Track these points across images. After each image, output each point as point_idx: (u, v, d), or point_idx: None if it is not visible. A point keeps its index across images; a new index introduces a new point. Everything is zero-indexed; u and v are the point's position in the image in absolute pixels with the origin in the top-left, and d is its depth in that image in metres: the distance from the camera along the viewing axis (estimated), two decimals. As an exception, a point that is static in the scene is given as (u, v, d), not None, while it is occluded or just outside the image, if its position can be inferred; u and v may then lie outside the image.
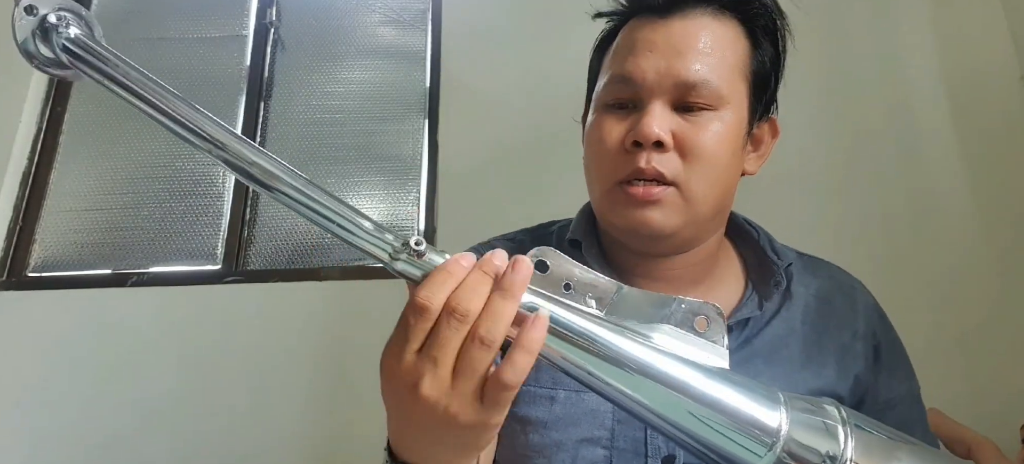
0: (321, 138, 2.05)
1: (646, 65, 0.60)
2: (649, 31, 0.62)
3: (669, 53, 0.60)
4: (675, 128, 0.60)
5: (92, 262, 1.95)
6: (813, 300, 0.69)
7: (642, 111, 0.61)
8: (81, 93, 2.12)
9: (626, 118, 0.62)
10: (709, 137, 0.60)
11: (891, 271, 1.67)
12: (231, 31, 2.18)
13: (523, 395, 0.65)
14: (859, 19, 1.92)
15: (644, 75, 0.60)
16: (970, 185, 1.74)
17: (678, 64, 0.60)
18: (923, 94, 1.83)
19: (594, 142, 0.64)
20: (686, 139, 0.60)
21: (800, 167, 1.77)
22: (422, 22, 2.16)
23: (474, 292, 0.39)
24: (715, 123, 0.61)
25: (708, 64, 0.60)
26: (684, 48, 0.60)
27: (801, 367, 0.64)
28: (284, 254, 1.94)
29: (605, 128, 0.63)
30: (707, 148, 0.60)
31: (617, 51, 0.65)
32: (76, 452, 1.67)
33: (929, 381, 0.71)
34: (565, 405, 0.64)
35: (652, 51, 0.61)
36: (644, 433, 0.62)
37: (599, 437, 0.63)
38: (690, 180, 0.60)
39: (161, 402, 1.70)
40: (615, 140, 0.62)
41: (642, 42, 0.62)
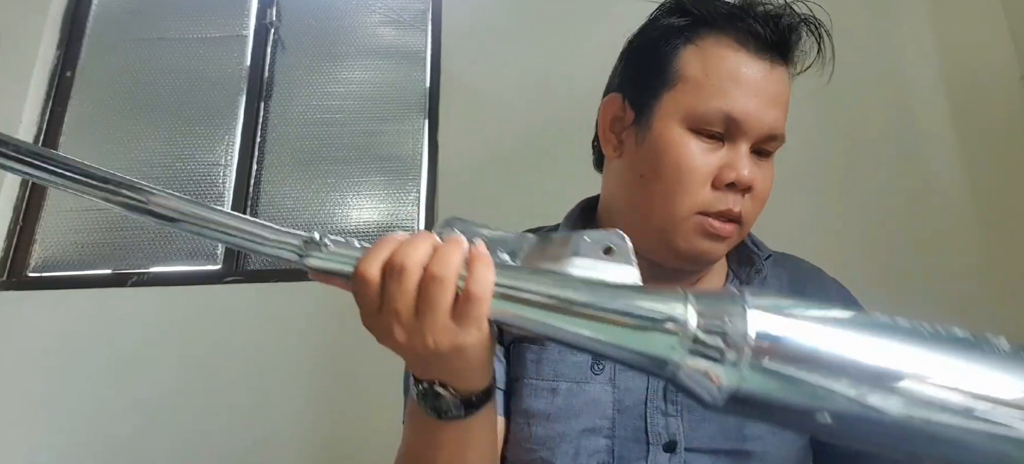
0: (321, 138, 2.05)
1: (753, 110, 0.62)
2: (756, 70, 0.63)
3: (771, 103, 0.63)
4: (753, 173, 0.64)
5: (92, 262, 1.95)
6: (787, 287, 0.73)
7: (734, 148, 0.63)
8: (81, 93, 2.12)
9: (716, 150, 0.63)
10: (770, 183, 0.67)
11: (891, 271, 1.67)
12: (231, 31, 2.18)
13: (525, 388, 0.66)
14: (859, 19, 1.92)
15: (749, 119, 0.62)
16: (970, 185, 1.74)
17: (776, 115, 0.64)
18: (923, 94, 1.83)
19: (676, 165, 0.63)
20: (759, 184, 0.65)
21: (800, 167, 1.77)
22: (422, 22, 2.16)
23: (411, 247, 0.44)
24: (772, 168, 0.67)
25: (784, 118, 0.66)
26: (779, 101, 0.64)
27: None
28: (284, 254, 1.94)
29: (695, 157, 0.63)
30: (767, 192, 0.67)
31: (714, 74, 0.63)
32: (76, 452, 1.67)
33: (929, 381, 0.72)
34: (566, 396, 0.65)
35: (758, 97, 0.62)
36: (644, 421, 0.64)
37: (601, 427, 0.64)
38: (750, 219, 0.66)
39: (161, 402, 1.70)
40: (706, 173, 0.63)
41: (750, 83, 0.63)
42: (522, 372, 0.67)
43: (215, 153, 2.04)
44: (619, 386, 0.65)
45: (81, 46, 2.17)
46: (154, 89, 2.12)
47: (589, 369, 0.65)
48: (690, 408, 0.64)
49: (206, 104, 2.09)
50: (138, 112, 2.09)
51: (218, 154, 2.04)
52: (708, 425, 0.64)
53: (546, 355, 0.67)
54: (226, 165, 2.02)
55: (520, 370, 0.67)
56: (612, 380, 0.65)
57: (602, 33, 0.73)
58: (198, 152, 2.05)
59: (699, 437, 0.63)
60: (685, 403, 0.64)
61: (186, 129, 2.07)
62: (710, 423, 0.64)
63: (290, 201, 1.99)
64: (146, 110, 2.09)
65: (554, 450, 0.63)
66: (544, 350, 0.67)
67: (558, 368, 0.66)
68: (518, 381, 0.67)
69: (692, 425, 0.64)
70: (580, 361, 0.66)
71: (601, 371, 0.65)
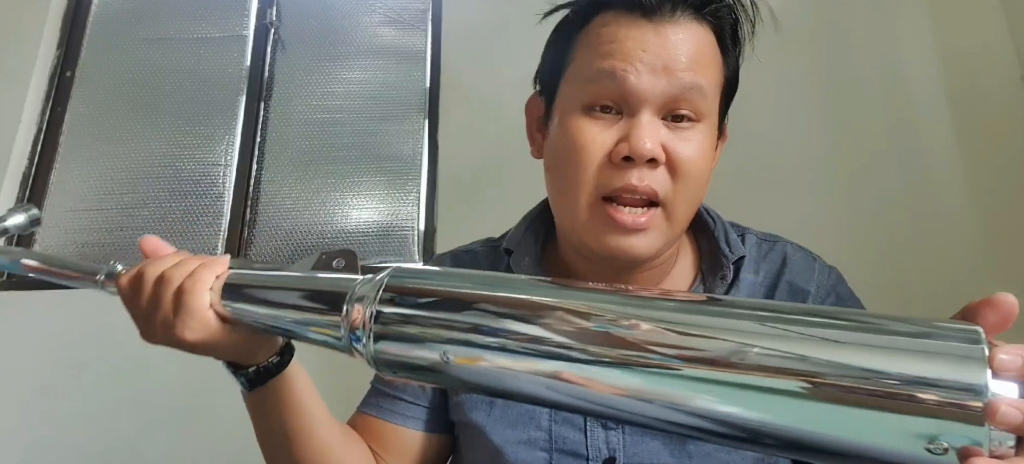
0: (321, 138, 2.05)
1: (641, 67, 0.56)
2: (639, 31, 0.57)
3: (666, 58, 0.56)
4: (665, 142, 0.57)
5: (92, 262, 1.94)
6: (760, 286, 0.67)
7: (632, 120, 0.57)
8: (81, 93, 2.12)
9: (612, 125, 0.57)
10: (695, 151, 0.58)
11: (891, 271, 1.67)
12: (231, 31, 2.18)
13: (467, 402, 0.67)
14: (859, 20, 1.92)
15: (639, 77, 0.56)
16: (970, 185, 1.74)
17: (674, 69, 0.56)
18: (923, 94, 1.83)
19: (570, 148, 0.59)
20: (676, 154, 0.57)
21: (800, 166, 1.77)
22: (422, 22, 2.16)
23: (156, 263, 0.57)
24: (699, 136, 0.59)
25: (700, 72, 0.58)
26: (679, 54, 0.57)
27: None
28: (284, 254, 1.94)
29: (586, 134, 0.58)
30: (694, 164, 0.58)
31: (596, 45, 0.59)
32: (76, 452, 1.67)
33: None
34: (503, 408, 0.64)
35: (646, 52, 0.56)
36: (584, 434, 0.62)
37: (536, 438, 0.63)
38: (677, 200, 0.58)
39: (161, 402, 1.70)
40: (601, 150, 0.57)
41: (633, 41, 0.57)
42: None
43: (215, 153, 2.04)
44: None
45: (81, 46, 2.17)
46: (154, 89, 2.12)
47: None
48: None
49: (206, 104, 2.09)
50: (138, 112, 2.09)
51: (218, 154, 2.04)
52: (650, 440, 0.61)
53: None
54: (226, 165, 2.02)
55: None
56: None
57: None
58: (198, 152, 2.05)
59: (640, 452, 0.61)
60: None
61: (186, 129, 2.07)
62: (652, 438, 0.61)
63: (290, 201, 1.99)
64: (146, 110, 2.09)
65: (495, 462, 0.63)
66: None
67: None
68: (458, 396, 0.68)
69: (633, 440, 0.61)
70: None
71: None
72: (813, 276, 0.68)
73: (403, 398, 0.71)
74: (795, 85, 1.87)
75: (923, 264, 1.67)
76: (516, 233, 0.71)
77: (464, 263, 0.75)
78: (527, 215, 0.73)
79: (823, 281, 0.68)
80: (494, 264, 0.74)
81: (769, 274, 0.68)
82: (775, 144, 1.80)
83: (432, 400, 0.71)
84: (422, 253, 1.89)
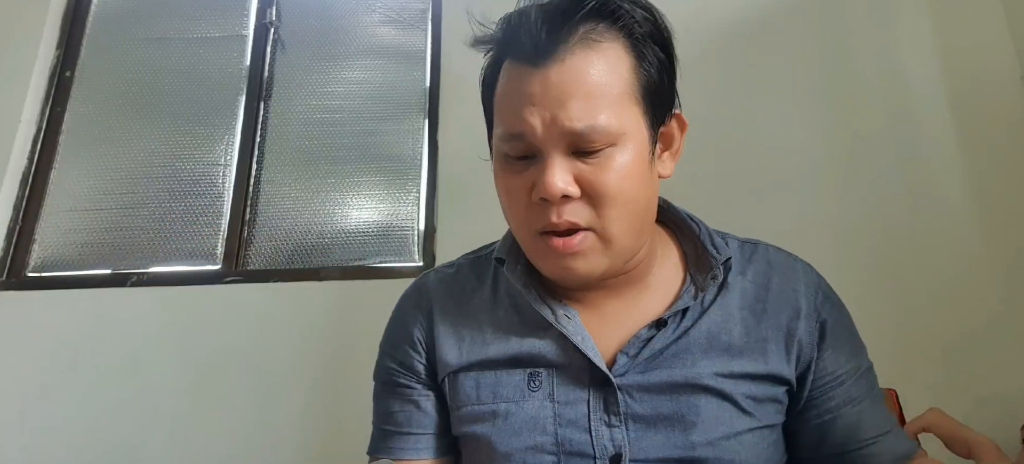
0: (321, 138, 2.05)
1: (533, 120, 0.58)
2: (528, 83, 0.59)
3: (551, 105, 0.58)
4: (578, 174, 0.59)
5: (92, 262, 1.95)
6: (751, 286, 0.69)
7: (542, 163, 0.59)
8: (81, 93, 2.12)
9: (526, 170, 0.61)
10: (613, 176, 0.59)
11: (891, 271, 1.67)
12: (231, 31, 2.18)
13: (469, 415, 0.67)
14: (859, 20, 1.92)
15: (534, 131, 0.58)
16: (970, 185, 1.74)
17: (562, 116, 0.57)
18: (923, 94, 1.83)
19: (502, 195, 0.65)
20: (591, 184, 0.59)
21: (800, 168, 1.77)
22: (422, 22, 2.16)
23: None
24: (617, 158, 0.59)
25: (593, 107, 0.58)
26: (564, 97, 0.57)
27: (740, 353, 0.65)
28: (284, 254, 1.94)
29: (509, 183, 0.63)
30: (613, 187, 0.59)
31: (502, 100, 0.63)
32: (76, 452, 1.67)
33: (929, 381, 0.71)
34: (506, 417, 0.65)
35: (535, 105, 0.58)
36: (589, 434, 0.63)
37: (543, 443, 0.63)
38: (605, 224, 0.60)
39: (161, 402, 1.70)
40: (523, 196, 0.62)
41: (523, 96, 0.59)
42: (464, 400, 0.68)
43: (215, 153, 2.04)
44: (558, 400, 0.64)
45: (81, 46, 2.17)
46: (154, 89, 2.12)
47: (526, 387, 0.65)
48: (634, 419, 0.63)
49: (206, 104, 2.09)
50: (138, 112, 2.09)
51: (218, 154, 2.04)
52: (654, 435, 0.62)
53: (483, 379, 0.67)
54: (226, 165, 2.02)
55: (462, 399, 0.68)
56: (550, 395, 0.64)
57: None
58: (198, 152, 2.05)
59: (645, 448, 0.62)
60: (628, 414, 0.63)
61: (186, 129, 2.07)
62: (656, 433, 0.62)
63: (290, 201, 1.99)
64: (146, 110, 2.09)
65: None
66: (481, 374, 0.67)
67: (496, 390, 0.66)
68: (462, 409, 0.68)
69: (638, 436, 0.62)
70: (516, 380, 0.66)
71: (538, 388, 0.65)
72: (799, 276, 0.70)
73: (411, 432, 0.71)
74: (795, 84, 1.87)
75: (923, 263, 1.67)
76: (507, 243, 0.73)
77: (449, 281, 0.76)
78: (507, 233, 0.75)
79: (810, 280, 0.70)
80: (480, 275, 0.75)
81: (758, 275, 0.70)
82: (775, 143, 1.80)
83: (437, 424, 0.71)
84: (422, 253, 1.89)
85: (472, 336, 0.70)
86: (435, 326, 0.72)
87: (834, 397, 0.66)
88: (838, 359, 0.67)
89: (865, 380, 0.68)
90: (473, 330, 0.70)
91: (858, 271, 1.64)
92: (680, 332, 0.65)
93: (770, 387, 0.65)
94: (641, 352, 0.64)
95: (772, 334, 0.66)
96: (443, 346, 0.70)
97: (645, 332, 0.65)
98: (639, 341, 0.65)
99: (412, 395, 0.72)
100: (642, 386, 0.63)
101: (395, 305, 0.78)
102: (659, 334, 0.65)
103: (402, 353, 0.73)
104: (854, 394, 0.67)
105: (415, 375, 0.72)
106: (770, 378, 0.65)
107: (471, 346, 0.69)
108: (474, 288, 0.74)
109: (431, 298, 0.74)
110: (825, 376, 0.67)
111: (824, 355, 0.67)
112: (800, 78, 1.88)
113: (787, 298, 0.68)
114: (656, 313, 0.66)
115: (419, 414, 0.71)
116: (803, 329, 0.67)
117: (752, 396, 0.64)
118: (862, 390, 0.67)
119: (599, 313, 0.68)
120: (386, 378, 0.74)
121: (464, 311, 0.72)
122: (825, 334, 0.68)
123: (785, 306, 0.68)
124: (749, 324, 0.67)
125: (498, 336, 0.68)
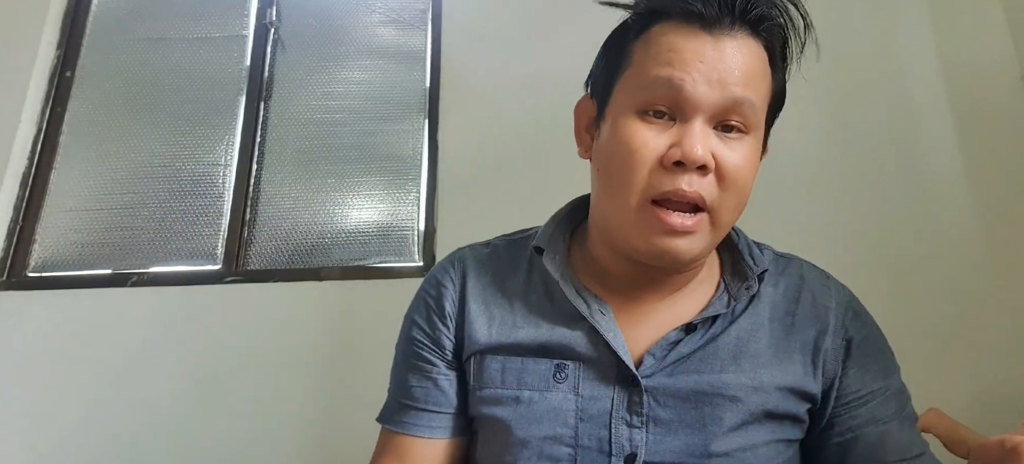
0: (321, 138, 2.05)
1: (698, 76, 0.59)
2: (698, 42, 0.60)
3: (721, 70, 0.59)
4: (715, 150, 0.60)
5: (92, 262, 1.95)
6: (781, 299, 0.69)
7: (685, 126, 0.59)
8: (81, 93, 2.12)
9: (665, 130, 0.60)
10: (743, 162, 0.61)
11: (891, 271, 1.67)
12: (231, 31, 2.18)
13: (490, 398, 0.67)
14: (859, 19, 1.92)
15: (694, 87, 0.59)
16: (970, 185, 1.74)
17: (729, 81, 0.59)
18: (923, 94, 1.83)
19: (624, 151, 0.61)
20: (725, 164, 0.60)
21: (800, 167, 1.77)
22: (422, 22, 2.16)
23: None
24: (747, 148, 0.61)
25: (752, 87, 0.61)
26: (734, 67, 0.60)
27: (768, 363, 0.65)
28: (284, 254, 1.94)
29: (639, 137, 0.60)
30: (741, 174, 0.61)
31: (655, 53, 0.61)
32: (76, 452, 1.67)
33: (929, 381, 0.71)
34: (528, 405, 0.65)
35: (703, 62, 0.59)
36: (609, 432, 0.63)
37: (562, 435, 0.63)
38: (722, 208, 0.61)
39: (161, 402, 1.70)
40: (653, 154, 0.60)
41: (692, 52, 0.60)
42: (487, 382, 0.68)
43: (215, 153, 2.04)
44: (582, 394, 0.64)
45: (81, 46, 2.17)
46: (154, 89, 2.12)
47: (551, 377, 0.65)
48: (656, 421, 0.63)
49: (206, 104, 2.09)
50: (138, 112, 2.09)
51: (218, 154, 2.04)
52: (672, 439, 0.62)
53: (510, 365, 0.67)
54: (226, 165, 2.02)
55: (486, 381, 0.68)
56: (575, 388, 0.65)
57: (602, 33, 0.72)
58: (198, 152, 2.05)
59: (661, 451, 0.62)
60: (651, 416, 0.63)
61: (186, 129, 2.07)
62: (675, 437, 0.62)
63: (290, 201, 1.99)
64: (146, 110, 2.09)
65: (517, 457, 0.64)
66: (508, 360, 0.67)
67: (521, 377, 0.66)
68: (484, 390, 0.68)
69: (656, 439, 0.62)
70: (543, 369, 0.66)
71: (564, 380, 0.65)
72: (831, 293, 0.70)
73: (428, 409, 0.71)
74: (795, 86, 1.86)
75: (923, 265, 1.67)
76: (546, 232, 0.73)
77: (484, 259, 0.75)
78: (554, 216, 0.75)
79: (841, 298, 0.71)
80: (516, 259, 0.75)
81: (789, 288, 0.70)
82: (775, 145, 1.79)
83: (457, 405, 0.71)
84: (422, 253, 1.89)
85: (503, 317, 0.70)
86: (467, 301, 0.71)
87: (857, 416, 0.66)
88: (864, 378, 0.67)
89: (894, 402, 0.67)
90: (504, 311, 0.70)
91: (858, 271, 1.63)
92: (708, 338, 0.65)
93: (794, 402, 0.65)
94: (668, 355, 0.64)
95: (799, 348, 0.66)
96: (473, 323, 0.70)
97: (674, 335, 0.65)
98: (667, 343, 0.65)
99: (432, 372, 0.71)
100: (667, 389, 0.63)
101: (425, 277, 0.77)
102: (687, 338, 0.65)
103: (431, 325, 0.72)
104: (879, 415, 0.66)
105: (440, 351, 0.72)
106: (794, 392, 0.65)
107: (501, 327, 0.69)
108: (508, 270, 0.74)
109: (466, 272, 0.74)
110: (849, 394, 0.66)
111: (849, 373, 0.67)
112: (800, 81, 1.87)
113: (817, 313, 0.68)
114: (687, 317, 0.66)
115: (437, 392, 0.71)
116: (829, 344, 0.67)
117: (774, 409, 0.64)
118: (889, 411, 0.66)
119: (632, 312, 0.68)
120: (409, 349, 0.73)
121: (497, 291, 0.72)
122: (851, 351, 0.67)
123: (814, 321, 0.68)
124: (777, 336, 0.67)
125: (529, 321, 0.68)
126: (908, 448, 0.64)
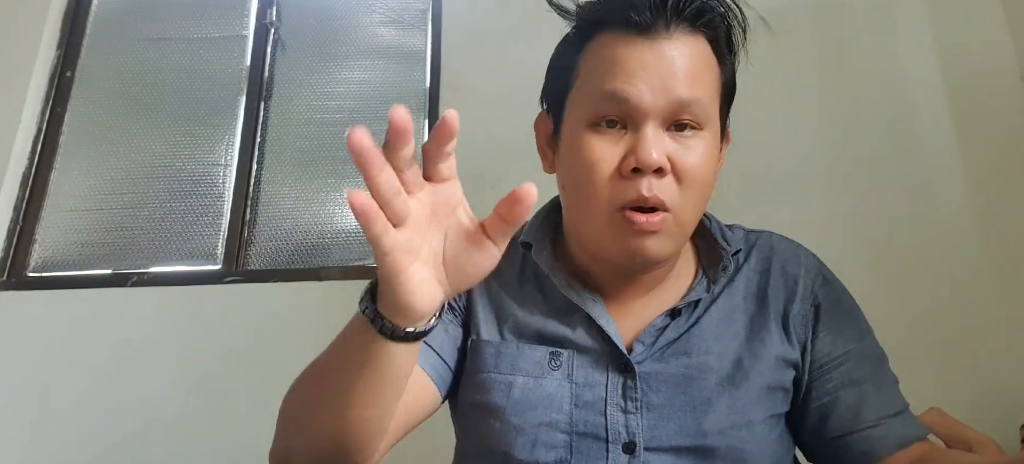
0: (321, 138, 2.05)
1: (642, 85, 0.60)
2: (637, 50, 0.61)
3: (663, 74, 0.60)
4: (670, 152, 0.61)
5: (92, 262, 1.95)
6: (754, 275, 0.71)
7: (636, 134, 0.60)
8: (81, 93, 2.12)
9: (619, 139, 0.61)
10: (699, 159, 0.62)
11: (891, 271, 1.67)
12: (231, 31, 2.18)
13: (485, 382, 0.67)
14: (859, 20, 1.92)
15: (640, 96, 0.60)
16: (970, 185, 1.74)
17: (672, 84, 0.60)
18: (923, 94, 1.83)
19: (583, 166, 0.63)
20: (681, 163, 0.61)
21: (800, 167, 1.77)
22: (422, 22, 2.16)
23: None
24: (702, 144, 0.62)
25: (698, 83, 0.61)
26: (676, 69, 0.61)
27: (747, 339, 0.67)
28: (284, 254, 1.94)
29: (596, 151, 0.62)
30: (698, 171, 0.62)
31: (597, 65, 0.63)
32: (75, 452, 1.67)
33: (929, 381, 0.72)
34: (523, 390, 0.65)
35: (646, 70, 0.60)
36: (604, 418, 0.64)
37: (557, 421, 0.64)
38: (684, 206, 0.62)
39: (161, 402, 1.70)
40: (610, 165, 0.61)
41: (634, 61, 0.61)
42: (481, 366, 0.68)
43: (215, 153, 2.04)
44: (577, 381, 0.65)
45: (81, 46, 2.17)
46: (154, 89, 2.12)
47: (546, 364, 0.66)
48: (649, 406, 0.64)
49: (206, 104, 2.09)
50: (138, 112, 2.09)
51: (218, 154, 2.04)
52: (667, 423, 0.63)
53: (505, 349, 0.68)
54: (226, 165, 2.02)
55: (480, 364, 0.68)
56: (570, 376, 0.65)
57: (602, 33, 0.72)
58: (198, 152, 2.05)
59: (659, 436, 0.63)
60: (645, 401, 0.64)
61: (186, 129, 2.07)
62: (669, 421, 0.63)
63: (290, 201, 1.99)
64: (146, 110, 2.09)
65: (512, 443, 0.64)
66: (503, 344, 0.68)
67: (516, 362, 0.67)
68: (478, 375, 0.68)
69: (651, 423, 0.63)
70: (538, 356, 0.67)
71: (558, 367, 0.66)
72: (800, 261, 0.72)
73: (426, 341, 0.67)
74: (795, 86, 1.87)
75: (923, 264, 1.67)
76: (532, 229, 0.74)
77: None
78: (537, 214, 0.76)
79: (809, 265, 0.73)
80: (511, 255, 0.74)
81: (760, 260, 0.72)
82: (775, 145, 1.80)
83: (447, 350, 0.70)
84: (422, 253, 1.89)
85: (499, 309, 0.71)
86: (472, 292, 0.72)
87: (832, 379, 0.67)
88: (835, 341, 0.68)
89: (868, 363, 0.68)
90: (499, 304, 0.71)
91: (857, 271, 1.63)
92: (692, 321, 0.67)
93: (778, 372, 0.66)
94: (657, 340, 0.66)
95: (773, 317, 0.68)
96: (478, 314, 0.71)
97: (660, 320, 0.67)
98: (655, 329, 0.66)
99: (445, 315, 0.69)
100: (659, 374, 0.65)
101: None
102: (673, 323, 0.67)
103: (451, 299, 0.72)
104: (855, 376, 0.67)
105: (456, 309, 0.72)
106: (777, 361, 0.66)
107: (499, 315, 0.71)
108: (505, 264, 0.74)
109: None
110: (821, 358, 0.68)
111: (820, 336, 0.68)
112: (800, 80, 1.88)
113: (786, 282, 0.70)
114: (671, 304, 0.68)
115: (440, 332, 0.69)
116: (797, 311, 0.69)
117: (761, 382, 0.65)
118: (864, 373, 0.67)
119: (620, 303, 0.69)
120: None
121: (493, 284, 0.73)
122: (820, 316, 0.69)
123: (784, 290, 0.70)
124: (752, 312, 0.69)
125: (524, 313, 0.70)
126: (887, 407, 0.65)
